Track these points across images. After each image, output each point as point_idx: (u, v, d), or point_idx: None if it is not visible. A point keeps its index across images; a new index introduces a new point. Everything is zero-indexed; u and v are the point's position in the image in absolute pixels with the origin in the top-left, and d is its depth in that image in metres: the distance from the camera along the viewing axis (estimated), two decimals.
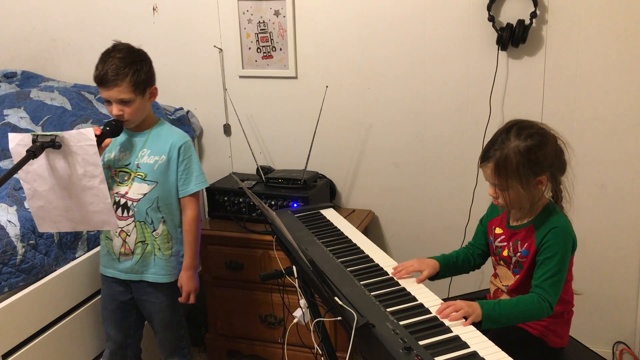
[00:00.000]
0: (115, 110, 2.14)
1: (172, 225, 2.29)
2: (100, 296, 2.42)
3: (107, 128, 2.12)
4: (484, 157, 1.82)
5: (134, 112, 2.16)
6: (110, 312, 2.36)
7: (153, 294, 2.32)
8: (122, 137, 2.25)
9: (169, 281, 2.31)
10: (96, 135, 2.02)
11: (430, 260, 1.96)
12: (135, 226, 2.23)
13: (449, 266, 2.01)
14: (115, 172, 2.25)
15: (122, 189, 2.22)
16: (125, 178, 2.23)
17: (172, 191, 2.27)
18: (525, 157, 1.75)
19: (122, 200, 2.22)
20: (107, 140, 2.11)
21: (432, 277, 1.96)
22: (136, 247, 2.25)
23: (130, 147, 2.26)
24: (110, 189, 2.23)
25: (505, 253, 1.91)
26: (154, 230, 2.25)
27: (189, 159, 2.28)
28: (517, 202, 1.82)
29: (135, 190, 2.22)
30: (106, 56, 2.15)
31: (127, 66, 2.12)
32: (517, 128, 1.79)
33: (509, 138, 1.77)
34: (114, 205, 2.22)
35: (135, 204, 2.22)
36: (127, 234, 2.23)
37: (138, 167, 2.23)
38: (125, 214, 2.22)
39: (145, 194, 2.22)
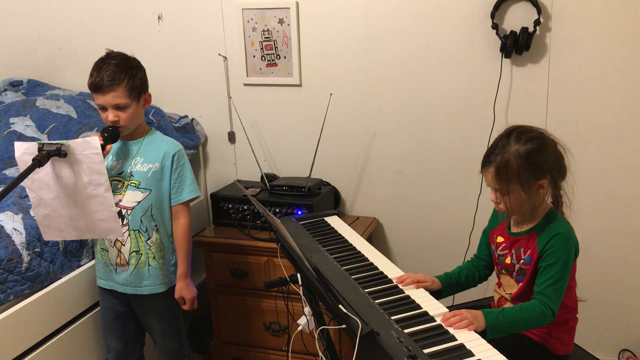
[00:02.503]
0: (110, 116, 2.15)
1: (164, 234, 2.29)
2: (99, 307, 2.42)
3: (106, 134, 2.13)
4: (485, 163, 1.83)
5: (129, 117, 2.17)
6: (109, 323, 2.36)
7: (151, 304, 2.32)
8: (115, 145, 2.25)
9: (164, 290, 2.31)
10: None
11: (434, 277, 1.96)
12: (129, 235, 2.23)
13: (451, 285, 2.01)
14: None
15: (115, 198, 2.21)
16: (119, 186, 2.23)
17: (165, 199, 2.28)
18: (526, 160, 1.76)
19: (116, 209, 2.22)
20: (108, 147, 2.14)
21: (435, 296, 1.95)
22: (130, 257, 2.24)
23: (123, 155, 2.26)
24: None
25: (507, 261, 1.91)
26: (148, 239, 2.25)
27: (182, 167, 2.29)
28: (518, 207, 1.82)
29: (129, 198, 2.22)
30: (101, 63, 2.16)
31: (123, 72, 2.14)
32: (517, 132, 1.80)
33: (509, 143, 1.79)
34: None
35: (129, 212, 2.22)
36: (122, 244, 2.23)
37: (131, 175, 2.23)
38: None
39: (139, 202, 2.22)
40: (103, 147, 2.08)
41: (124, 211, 2.22)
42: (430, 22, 2.70)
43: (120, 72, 2.13)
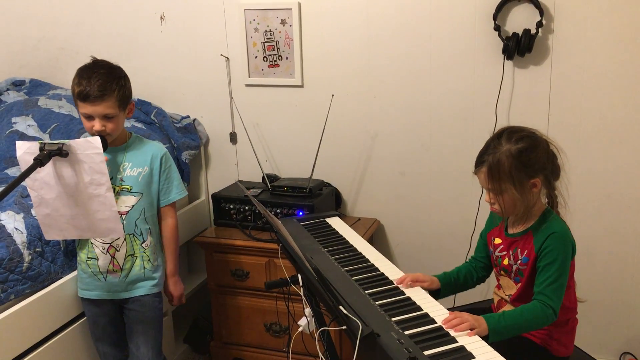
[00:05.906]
0: (97, 125, 2.12)
1: (155, 236, 2.31)
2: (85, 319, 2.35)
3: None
4: (478, 163, 1.86)
5: (115, 127, 2.17)
6: (101, 330, 2.33)
7: (140, 306, 2.30)
8: None
9: (158, 291, 2.33)
10: None
11: (433, 276, 1.96)
12: (125, 240, 2.23)
13: (450, 284, 2.02)
14: None
15: None
16: None
17: (155, 201, 2.30)
18: (517, 159, 1.77)
19: None
20: (104, 157, 2.12)
21: (434, 295, 1.95)
22: (125, 261, 2.24)
23: (111, 162, 2.23)
24: None
25: (505, 262, 1.91)
26: (144, 242, 2.26)
27: (169, 168, 2.32)
28: (512, 206, 1.83)
29: (122, 203, 2.22)
30: (89, 72, 2.14)
31: (114, 82, 2.14)
32: (508, 132, 1.82)
33: (500, 143, 1.80)
34: None
35: (124, 216, 2.22)
36: (117, 249, 2.23)
37: (122, 180, 2.23)
38: None
39: (132, 206, 2.23)
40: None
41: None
42: (432, 23, 2.70)
43: (111, 82, 2.13)
